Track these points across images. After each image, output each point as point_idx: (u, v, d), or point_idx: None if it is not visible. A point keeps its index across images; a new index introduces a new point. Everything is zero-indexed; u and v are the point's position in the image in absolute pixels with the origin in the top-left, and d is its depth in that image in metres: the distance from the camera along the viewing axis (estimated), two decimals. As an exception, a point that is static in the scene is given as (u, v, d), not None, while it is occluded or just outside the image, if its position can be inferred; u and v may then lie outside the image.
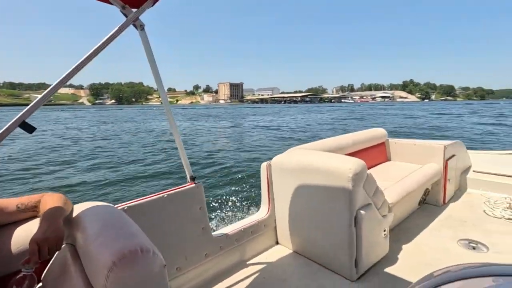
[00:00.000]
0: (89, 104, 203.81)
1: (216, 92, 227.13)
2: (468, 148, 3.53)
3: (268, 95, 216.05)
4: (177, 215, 1.69)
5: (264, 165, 2.26)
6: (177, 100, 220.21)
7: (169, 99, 1.72)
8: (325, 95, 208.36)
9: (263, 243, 2.22)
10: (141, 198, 1.57)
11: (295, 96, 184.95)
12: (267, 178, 2.23)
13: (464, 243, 2.24)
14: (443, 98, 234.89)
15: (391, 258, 2.04)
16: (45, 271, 1.02)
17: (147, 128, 22.96)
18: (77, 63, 1.05)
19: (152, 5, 1.28)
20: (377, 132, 3.41)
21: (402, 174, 2.69)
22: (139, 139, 16.23)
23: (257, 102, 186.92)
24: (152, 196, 1.60)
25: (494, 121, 24.43)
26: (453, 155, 3.13)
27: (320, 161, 1.87)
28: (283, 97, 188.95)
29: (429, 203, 3.04)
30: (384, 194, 2.03)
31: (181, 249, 1.72)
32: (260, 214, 2.26)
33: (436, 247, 2.21)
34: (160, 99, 1.72)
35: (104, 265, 0.72)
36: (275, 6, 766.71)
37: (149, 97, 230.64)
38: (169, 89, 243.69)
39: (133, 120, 34.16)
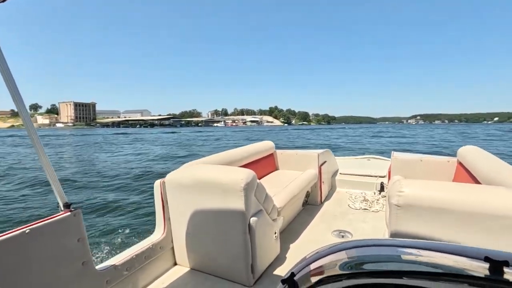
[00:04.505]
0: None
1: (58, 113, 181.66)
2: (335, 155, 4.33)
3: (136, 117, 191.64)
4: (48, 252, 1.36)
5: (157, 182, 2.13)
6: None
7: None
8: (194, 119, 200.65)
9: (160, 267, 2.08)
10: None
11: (153, 119, 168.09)
12: (161, 196, 2.12)
13: (336, 234, 2.68)
14: (301, 122, 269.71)
15: (282, 258, 2.24)
16: None
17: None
18: None
19: (3, 1, 0.99)
20: (266, 145, 3.70)
21: (288, 180, 2.97)
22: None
23: (108, 126, 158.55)
24: (7, 234, 1.23)
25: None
26: (325, 161, 3.71)
27: (214, 174, 1.90)
28: (142, 120, 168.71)
29: (310, 204, 3.46)
30: (274, 200, 2.22)
31: None
32: (155, 236, 2.12)
33: (316, 240, 2.55)
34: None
35: None
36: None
37: None
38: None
39: None
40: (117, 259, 1.79)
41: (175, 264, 2.18)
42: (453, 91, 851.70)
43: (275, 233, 2.15)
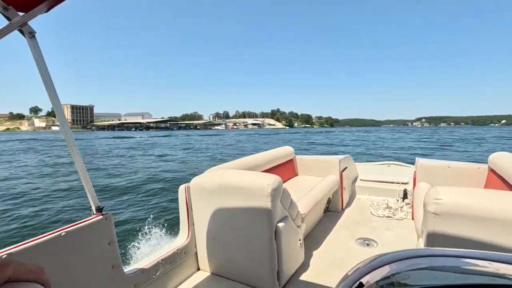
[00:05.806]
0: None
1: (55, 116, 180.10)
2: (354, 161, 4.18)
3: (136, 120, 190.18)
4: (80, 255, 1.40)
5: (182, 187, 2.13)
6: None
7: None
8: (193, 122, 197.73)
9: (184, 272, 2.09)
10: (29, 241, 1.22)
11: (149, 123, 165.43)
12: (186, 201, 2.12)
13: (360, 242, 2.62)
14: (303, 125, 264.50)
15: (306, 264, 2.22)
16: None
17: None
18: None
19: (47, 11, 1.04)
20: (286, 150, 3.64)
21: (309, 186, 2.93)
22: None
23: (104, 129, 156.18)
24: (45, 236, 1.27)
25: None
26: (346, 167, 3.61)
27: (240, 179, 1.89)
28: (138, 123, 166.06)
29: (331, 210, 3.38)
30: (298, 206, 2.21)
31: None
32: (179, 241, 2.12)
33: (339, 248, 2.50)
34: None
35: None
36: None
37: None
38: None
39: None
40: (144, 263, 1.79)
41: (198, 269, 2.18)
42: (459, 93, 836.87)
43: (300, 239, 2.12)
